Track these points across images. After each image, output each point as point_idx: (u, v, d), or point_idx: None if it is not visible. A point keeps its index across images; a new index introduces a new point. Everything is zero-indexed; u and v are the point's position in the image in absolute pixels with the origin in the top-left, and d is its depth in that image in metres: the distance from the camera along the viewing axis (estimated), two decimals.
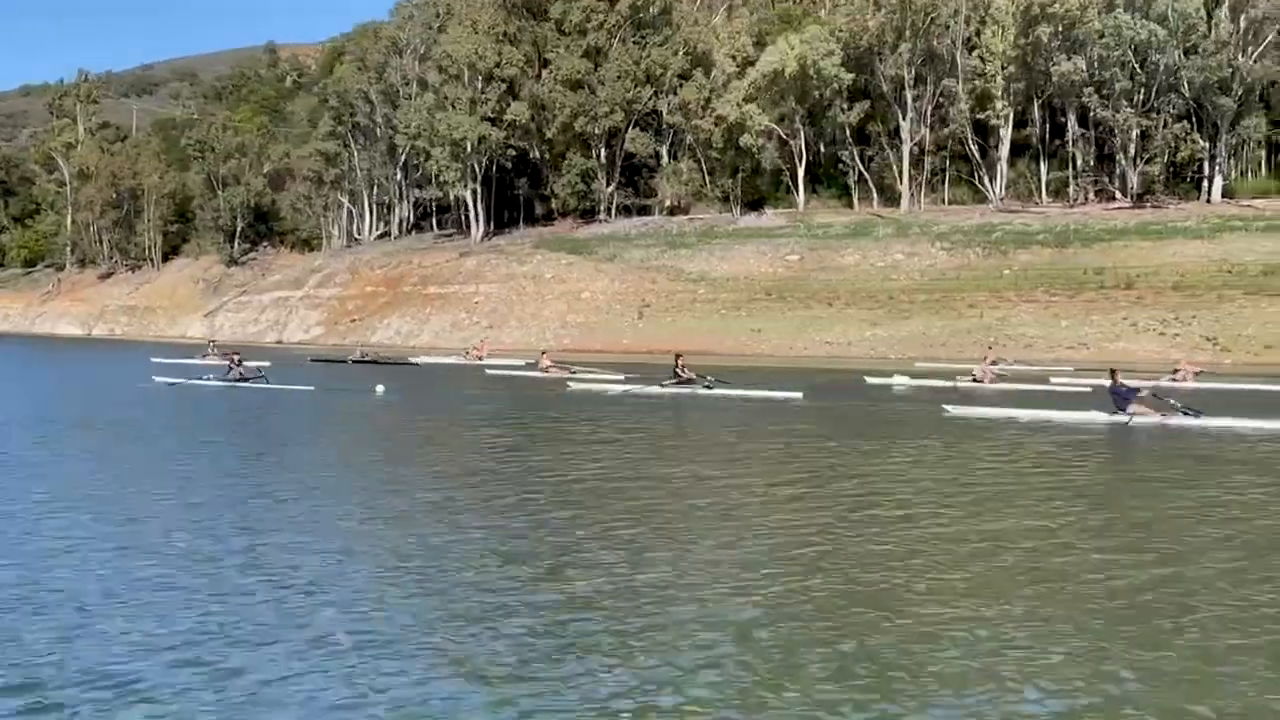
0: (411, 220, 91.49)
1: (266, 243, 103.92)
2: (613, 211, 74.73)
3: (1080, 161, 63.09)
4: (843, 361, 46.30)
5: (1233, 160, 60.66)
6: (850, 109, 65.99)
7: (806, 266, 61.26)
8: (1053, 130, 64.79)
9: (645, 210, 74.44)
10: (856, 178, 68.08)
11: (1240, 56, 56.11)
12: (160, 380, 34.32)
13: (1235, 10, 56.64)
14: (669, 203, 73.07)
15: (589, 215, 75.71)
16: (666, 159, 73.98)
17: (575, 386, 33.42)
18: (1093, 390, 27.83)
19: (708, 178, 72.45)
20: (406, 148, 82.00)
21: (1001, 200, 63.72)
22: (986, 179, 64.90)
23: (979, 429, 21.88)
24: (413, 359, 49.77)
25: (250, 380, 33.91)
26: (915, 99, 65.25)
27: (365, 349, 53.43)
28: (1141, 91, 58.56)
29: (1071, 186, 63.19)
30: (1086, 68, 58.53)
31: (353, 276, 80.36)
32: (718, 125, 68.33)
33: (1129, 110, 57.93)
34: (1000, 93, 62.08)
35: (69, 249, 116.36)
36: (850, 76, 64.68)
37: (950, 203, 66.62)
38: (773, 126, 67.28)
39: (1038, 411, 23.80)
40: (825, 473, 15.98)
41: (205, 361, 43.14)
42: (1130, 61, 57.55)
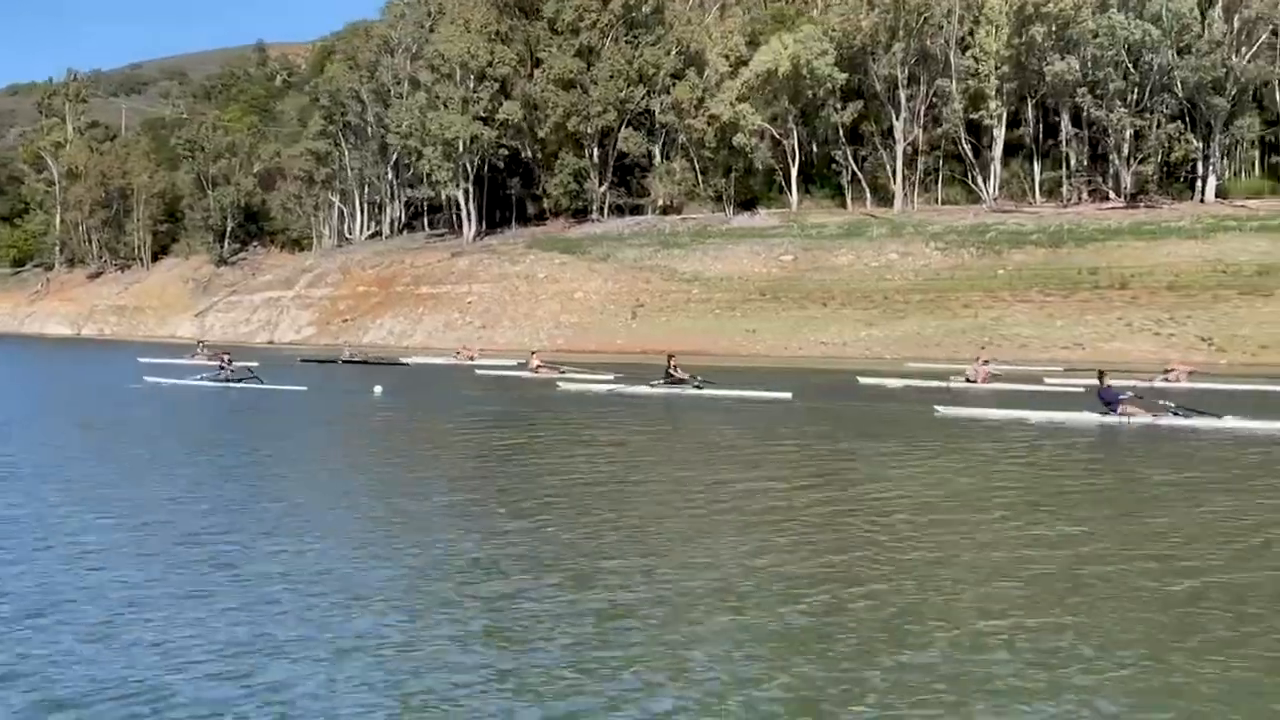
0: (403, 220, 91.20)
1: (256, 242, 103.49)
2: (605, 211, 74.54)
3: (1074, 161, 63.11)
4: (838, 362, 46.16)
5: (1226, 160, 60.69)
6: (843, 109, 65.84)
7: (800, 266, 61.15)
8: (1046, 130, 64.90)
9: (638, 210, 74.27)
10: (850, 177, 67.97)
11: (1234, 57, 56.20)
12: (151, 380, 33.91)
13: (1229, 10, 56.68)
14: (662, 202, 72.88)
15: (581, 215, 75.52)
16: (659, 158, 73.79)
17: (564, 387, 33.25)
18: (1086, 390, 27.73)
19: (700, 177, 72.33)
20: (398, 147, 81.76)
21: (995, 200, 63.69)
22: (980, 179, 64.86)
23: (972, 430, 21.65)
24: (403, 359, 49.49)
25: (243, 380, 33.61)
26: (909, 99, 65.21)
27: (354, 349, 53.10)
28: (1135, 91, 58.54)
29: (1065, 186, 63.17)
30: (1080, 67, 58.48)
31: (344, 276, 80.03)
32: (710, 125, 68.22)
33: (1122, 110, 57.92)
34: (994, 92, 62.04)
35: (58, 248, 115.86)
36: (843, 76, 64.59)
37: (943, 203, 66.60)
38: (766, 126, 67.18)
39: (1030, 412, 23.61)
40: (817, 475, 15.80)
41: (194, 361, 42.74)
42: (1124, 61, 57.53)
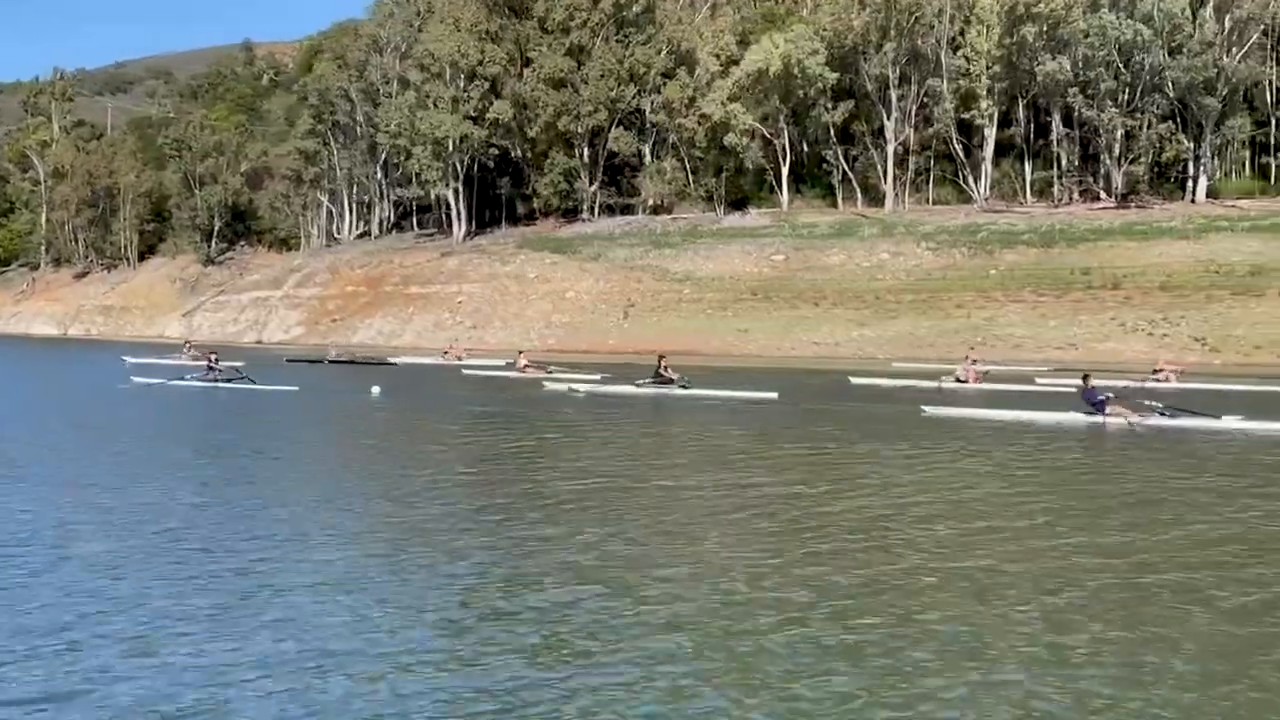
0: (391, 220, 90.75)
1: (244, 242, 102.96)
2: (596, 211, 74.27)
3: (1065, 161, 63.10)
4: (830, 362, 45.96)
5: (1217, 161, 60.74)
6: (834, 108, 65.77)
7: (792, 266, 61.01)
8: (1037, 130, 64.86)
9: (628, 210, 74.01)
10: (840, 177, 67.88)
11: (1225, 57, 56.25)
12: (139, 381, 33.46)
13: (1220, 10, 56.80)
14: (652, 202, 72.66)
15: (571, 215, 75.24)
16: (650, 158, 73.55)
17: (551, 387, 33.11)
18: (1077, 390, 27.51)
19: (691, 177, 72.13)
20: (387, 146, 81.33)
21: (986, 200, 63.66)
22: (971, 179, 64.82)
23: (961, 431, 21.40)
24: (390, 359, 49.03)
25: (231, 381, 33.25)
26: (900, 98, 65.15)
27: (340, 349, 52.71)
28: (1126, 91, 58.58)
29: (1056, 186, 63.20)
30: (1071, 67, 58.52)
31: (333, 276, 79.60)
32: (701, 124, 68.04)
33: (1114, 110, 57.94)
34: (985, 92, 62.04)
35: (44, 248, 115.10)
36: (835, 76, 64.52)
37: (934, 203, 66.53)
38: (756, 126, 67.01)
39: (1019, 413, 23.43)
40: (815, 476, 15.59)
41: (180, 362, 42.29)
42: (1115, 61, 57.55)
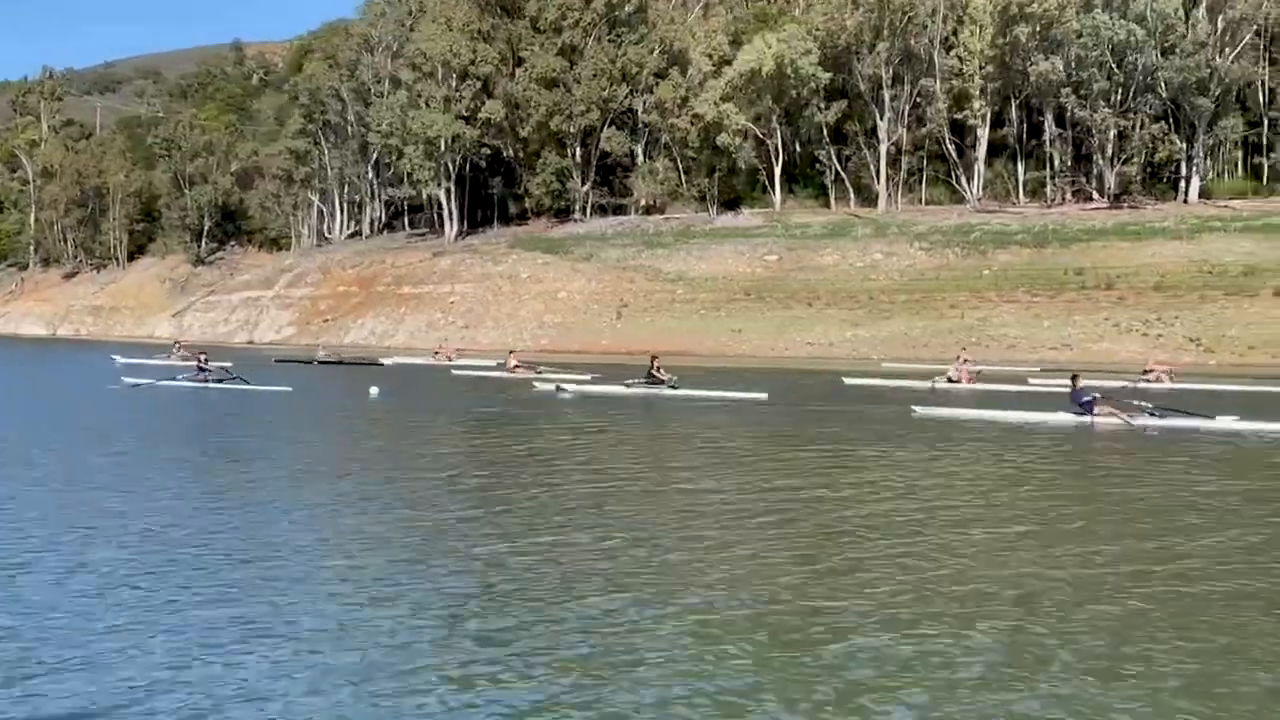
0: (383, 220, 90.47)
1: (234, 242, 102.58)
2: (588, 211, 74.08)
3: (1057, 162, 63.11)
4: (824, 362, 45.79)
5: (1209, 161, 60.74)
6: (827, 108, 65.61)
7: (785, 266, 60.89)
8: (1030, 130, 64.90)
9: (620, 210, 73.86)
10: (833, 177, 67.77)
11: (1218, 57, 56.26)
12: (129, 381, 33.01)
13: (1213, 11, 56.80)
14: (644, 202, 72.50)
15: (564, 215, 75.04)
16: (642, 158, 73.39)
17: (540, 387, 32.97)
18: (1069, 391, 27.46)
19: (683, 177, 71.99)
20: (379, 146, 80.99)
21: (979, 200, 63.62)
22: (963, 179, 64.77)
23: (952, 431, 21.20)
24: (380, 360, 48.61)
25: (222, 381, 32.94)
26: (893, 98, 65.07)
27: (329, 350, 52.33)
28: (1119, 92, 58.55)
29: (1049, 187, 63.15)
30: (1064, 68, 58.48)
31: (324, 276, 79.27)
32: (694, 124, 67.88)
33: (1106, 110, 57.91)
34: (978, 92, 61.96)
35: (33, 248, 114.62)
36: (827, 76, 64.38)
37: (927, 203, 66.51)
38: (749, 126, 66.88)
39: (1011, 413, 23.22)
40: (814, 479, 15.44)
41: (170, 362, 41.95)
42: (1108, 62, 57.52)
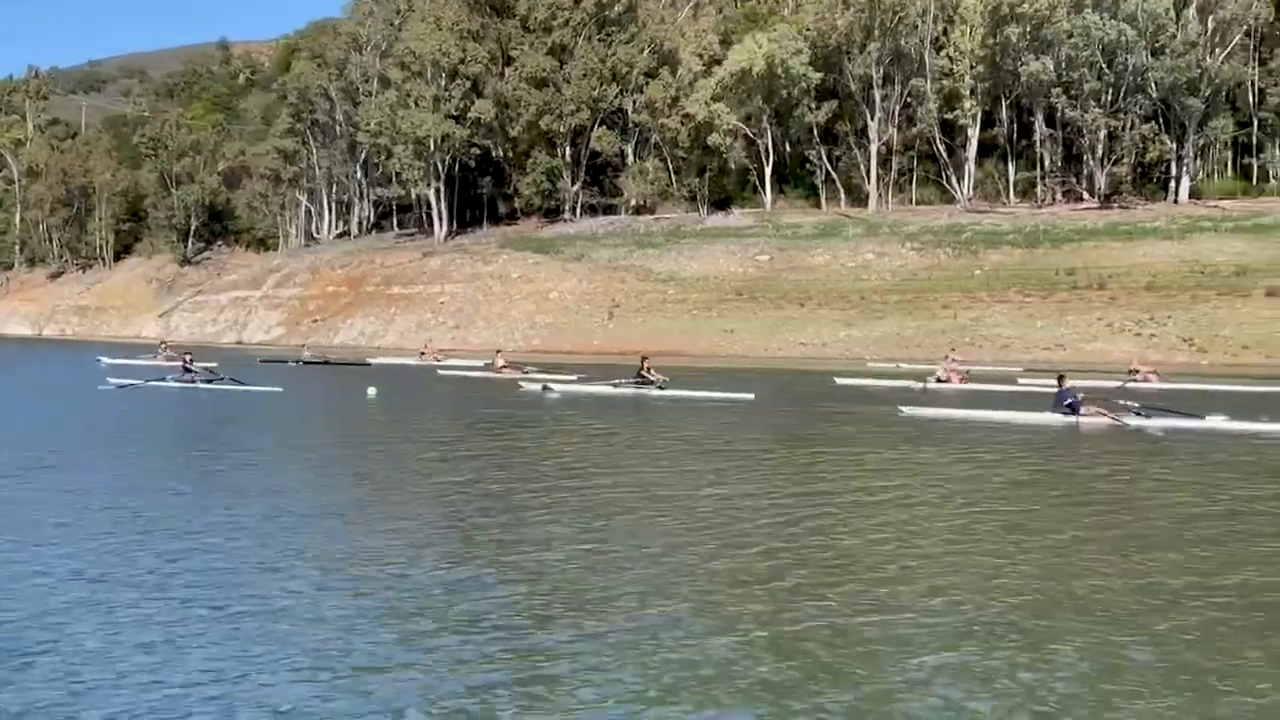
0: (371, 219, 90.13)
1: (221, 242, 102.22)
2: (578, 211, 73.90)
3: (1048, 162, 63.18)
4: (818, 363, 45.64)
5: (1199, 161, 60.89)
6: (818, 108, 65.63)
7: (776, 266, 60.81)
8: (1020, 130, 64.90)
9: (610, 209, 73.69)
10: (824, 177, 67.77)
11: (1208, 57, 56.34)
12: (115, 382, 32.45)
13: (1203, 11, 56.91)
14: (635, 202, 72.36)
15: (553, 214, 74.84)
16: (632, 158, 73.22)
17: (527, 387, 32.79)
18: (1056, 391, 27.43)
19: (674, 177, 71.84)
20: (367, 145, 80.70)
21: (969, 200, 63.65)
22: (954, 179, 64.81)
23: (938, 432, 20.91)
24: (367, 360, 48.15)
25: (213, 382, 32.58)
26: (883, 98, 65.07)
27: (313, 350, 51.88)
28: (1109, 92, 58.64)
29: (1039, 187, 63.27)
30: (1055, 68, 58.56)
31: (313, 276, 78.88)
32: (684, 124, 67.74)
33: (1097, 111, 58.00)
34: (968, 92, 62.06)
35: (18, 248, 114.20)
36: (818, 76, 64.38)
37: (917, 203, 66.54)
38: (739, 126, 66.78)
39: (998, 413, 23.04)
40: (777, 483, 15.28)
41: (156, 362, 41.57)
42: (1098, 62, 57.59)
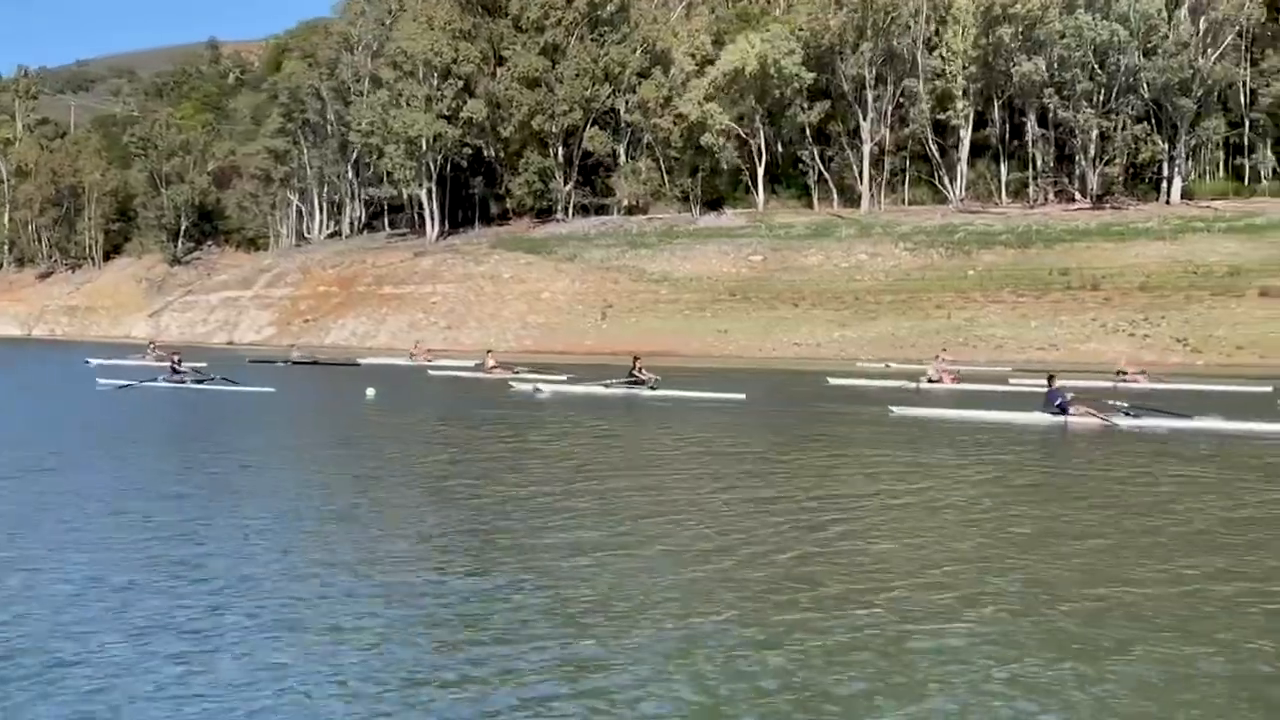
0: (363, 219, 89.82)
1: (211, 242, 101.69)
2: (570, 211, 73.72)
3: (1040, 162, 63.21)
4: (811, 363, 45.67)
5: (1191, 162, 60.96)
6: (810, 108, 65.52)
7: (770, 267, 60.75)
8: (1012, 131, 65.02)
9: (603, 210, 73.55)
10: (816, 178, 67.73)
11: (1200, 58, 56.45)
12: (105, 383, 32.13)
13: (1195, 12, 56.98)
14: (627, 202, 72.22)
15: (545, 215, 74.65)
16: (625, 158, 73.08)
17: (518, 387, 32.70)
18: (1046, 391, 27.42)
19: (666, 177, 71.74)
20: (359, 145, 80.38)
21: (961, 201, 63.68)
22: (946, 179, 64.82)
23: (926, 431, 20.93)
24: (357, 360, 47.90)
25: (204, 382, 32.38)
26: (876, 99, 65.04)
27: (302, 350, 51.67)
28: (1101, 92, 58.70)
29: (1031, 187, 63.30)
30: (1047, 68, 58.60)
31: (304, 276, 78.59)
32: (677, 124, 67.65)
33: (1089, 111, 58.07)
34: (960, 93, 62.06)
35: (7, 247, 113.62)
36: (811, 76, 64.31)
37: (910, 203, 66.57)
38: (732, 126, 66.70)
39: (989, 413, 23.05)
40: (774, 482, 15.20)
41: (145, 363, 41.36)
42: (1091, 62, 57.65)
